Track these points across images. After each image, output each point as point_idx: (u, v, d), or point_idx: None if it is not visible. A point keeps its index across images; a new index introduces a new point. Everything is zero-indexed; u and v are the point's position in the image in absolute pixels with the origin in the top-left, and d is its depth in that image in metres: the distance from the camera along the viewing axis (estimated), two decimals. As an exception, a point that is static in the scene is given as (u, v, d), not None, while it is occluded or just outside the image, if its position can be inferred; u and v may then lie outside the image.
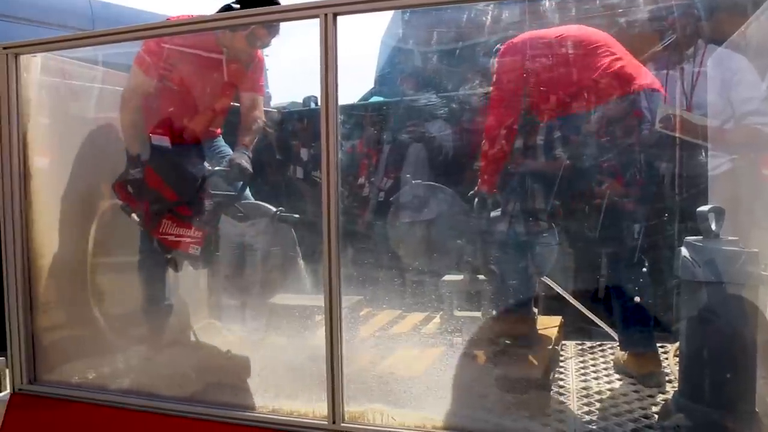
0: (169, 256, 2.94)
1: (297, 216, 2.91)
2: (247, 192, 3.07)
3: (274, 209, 2.94)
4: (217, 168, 2.97)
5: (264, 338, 2.82)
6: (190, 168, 2.93)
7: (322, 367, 2.20)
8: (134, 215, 2.96)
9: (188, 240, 2.87)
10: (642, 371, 2.60)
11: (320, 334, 2.22)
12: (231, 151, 3.16)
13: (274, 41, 3.00)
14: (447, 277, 3.05)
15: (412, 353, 2.79)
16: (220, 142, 3.23)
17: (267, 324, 2.85)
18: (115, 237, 3.07)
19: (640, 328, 2.59)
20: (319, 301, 2.20)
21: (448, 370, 2.58)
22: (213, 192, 2.91)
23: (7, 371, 2.75)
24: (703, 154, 2.57)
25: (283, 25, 2.91)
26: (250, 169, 2.95)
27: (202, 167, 2.96)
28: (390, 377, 2.51)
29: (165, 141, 2.87)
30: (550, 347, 2.73)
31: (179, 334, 2.86)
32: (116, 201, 3.00)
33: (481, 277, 2.95)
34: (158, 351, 2.87)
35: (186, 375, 2.62)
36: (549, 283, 2.98)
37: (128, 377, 2.70)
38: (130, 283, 3.04)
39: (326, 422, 2.21)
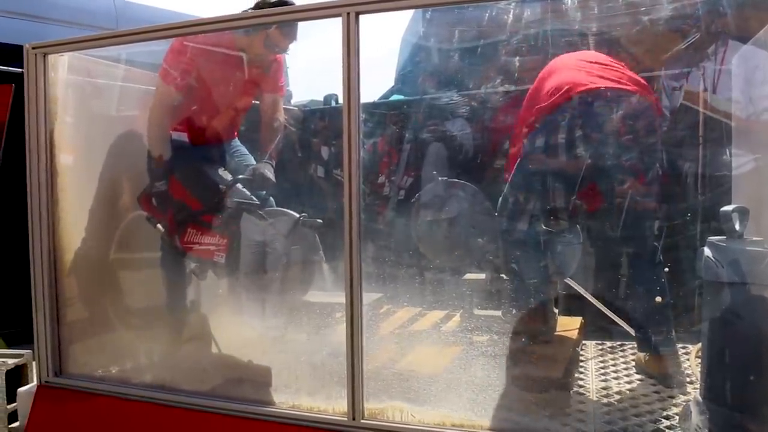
0: (193, 264, 2.97)
1: (320, 221, 2.91)
2: (271, 199, 3.08)
3: (297, 215, 2.94)
4: (240, 176, 2.99)
5: (284, 335, 2.83)
6: (215, 177, 2.95)
7: (343, 364, 2.20)
8: (159, 226, 3.00)
9: (212, 248, 2.90)
10: (662, 372, 2.58)
11: (341, 331, 2.23)
12: (247, 152, 3.20)
13: (291, 46, 3.01)
14: (468, 276, 3.03)
15: (431, 351, 2.78)
16: (237, 142, 3.26)
17: (287, 321, 2.86)
18: (140, 234, 3.10)
19: (660, 328, 2.56)
20: (340, 298, 2.20)
21: (468, 369, 2.57)
22: (236, 200, 2.92)
23: (34, 364, 2.79)
24: (727, 153, 2.53)
25: (302, 24, 2.91)
26: (273, 179, 2.97)
27: (226, 176, 2.98)
28: (410, 374, 2.51)
29: (183, 137, 2.91)
30: (571, 347, 2.72)
31: (200, 330, 2.87)
32: (141, 212, 3.04)
33: (502, 276, 2.93)
34: (180, 347, 2.89)
35: (207, 371, 2.64)
36: (571, 283, 2.95)
37: (151, 372, 2.73)
38: (153, 279, 3.07)
39: (346, 419, 2.21)
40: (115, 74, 3.15)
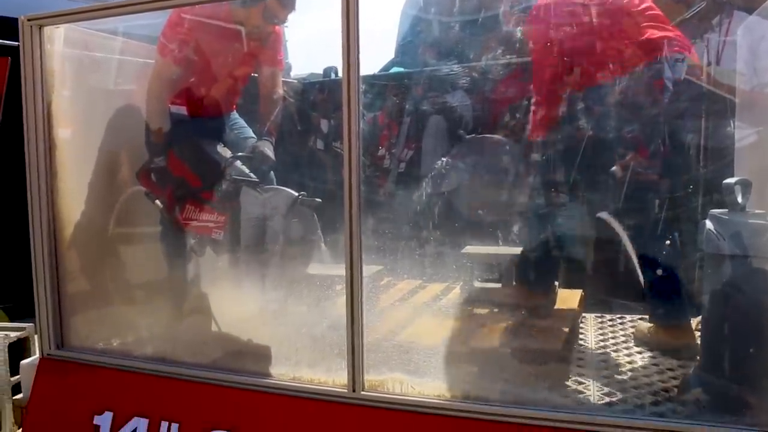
0: (192, 241, 2.97)
1: (319, 200, 2.91)
2: (271, 174, 3.07)
3: (296, 194, 2.93)
4: (240, 154, 2.98)
5: (285, 308, 2.83)
6: (214, 154, 2.94)
7: (343, 336, 2.20)
8: (157, 202, 2.99)
9: (211, 225, 2.89)
10: (676, 343, 2.56)
11: (341, 304, 2.23)
12: (246, 125, 3.18)
13: (290, 18, 2.99)
14: (468, 248, 3.03)
15: (432, 323, 2.79)
16: (236, 115, 3.24)
17: (288, 293, 2.86)
18: (139, 208, 3.10)
19: (673, 299, 2.55)
20: (340, 270, 2.20)
21: (468, 341, 2.58)
22: (235, 177, 2.91)
23: (36, 337, 2.80)
24: (730, 125, 2.50)
25: (301, -4, 2.88)
26: (273, 157, 2.97)
27: (225, 153, 2.96)
28: (410, 347, 2.51)
29: (182, 110, 2.89)
30: (571, 320, 2.71)
31: (201, 304, 2.88)
32: (140, 187, 3.03)
33: (503, 248, 2.93)
34: (180, 320, 2.90)
35: (207, 343, 2.65)
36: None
37: (152, 345, 2.73)
38: (153, 253, 3.07)
39: (346, 390, 2.21)
40: (113, 47, 3.12)
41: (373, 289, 2.93)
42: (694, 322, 2.62)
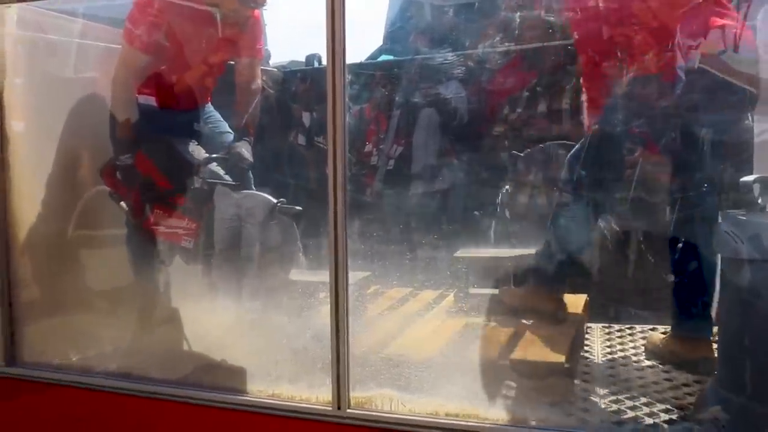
0: (160, 248, 2.94)
1: (299, 208, 2.90)
2: (249, 174, 3.06)
3: (274, 201, 2.91)
4: (214, 155, 2.96)
5: (263, 317, 2.82)
6: (186, 154, 2.92)
7: (327, 349, 2.20)
8: (122, 204, 2.96)
9: (181, 231, 2.88)
10: (692, 356, 2.54)
11: (325, 313, 2.22)
12: (221, 119, 3.17)
13: (269, 0, 3.00)
14: (461, 253, 3.03)
15: (424, 334, 2.79)
16: (211, 108, 3.22)
17: (266, 302, 2.85)
18: (102, 210, 3.07)
19: (688, 307, 2.54)
20: (324, 276, 2.20)
21: (463, 353, 2.57)
22: (209, 180, 2.90)
23: (-17, 352, 2.75)
24: (749, 118, 2.50)
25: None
26: (251, 159, 2.96)
27: (199, 152, 2.95)
28: (400, 360, 2.51)
29: (151, 101, 2.87)
30: (575, 329, 2.70)
31: (170, 314, 2.85)
32: (103, 188, 3.00)
33: (501, 251, 2.95)
34: (148, 332, 2.87)
35: (177, 357, 2.63)
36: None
37: (115, 360, 2.70)
38: (118, 259, 3.04)
39: (330, 408, 2.20)
40: (72, 29, 3.09)
41: (359, 297, 2.90)
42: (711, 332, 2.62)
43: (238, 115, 3.10)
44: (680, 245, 2.51)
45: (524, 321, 2.69)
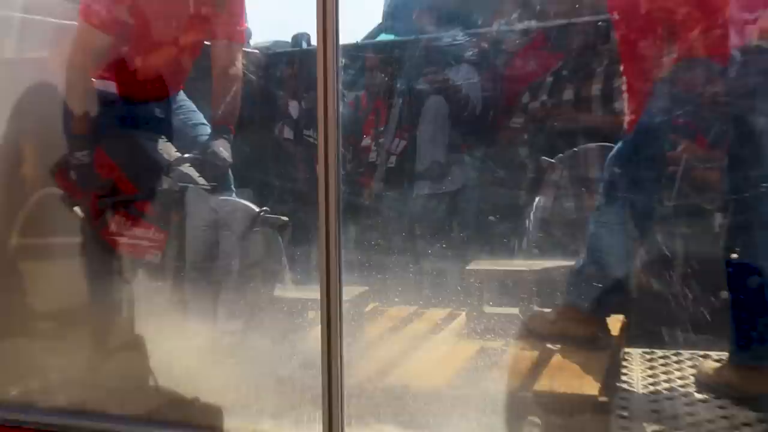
0: (120, 263, 2.90)
1: (286, 219, 2.86)
2: (229, 174, 3.03)
3: (256, 209, 2.87)
4: (187, 155, 2.91)
5: (242, 341, 2.80)
6: (154, 153, 2.87)
7: (317, 378, 2.12)
8: (77, 209, 2.92)
9: (146, 243, 2.82)
10: (753, 389, 2.46)
11: (314, 336, 2.17)
12: (195, 108, 3.14)
13: None
14: (475, 264, 3.02)
15: (431, 361, 2.76)
16: (183, 96, 3.19)
17: (247, 323, 2.83)
18: (53, 215, 3.04)
19: (754, 333, 2.47)
20: (314, 293, 2.14)
21: (477, 384, 2.53)
22: (180, 184, 2.86)
23: None
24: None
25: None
26: (229, 158, 2.90)
27: (169, 151, 2.90)
28: (403, 391, 2.46)
29: (111, 87, 2.83)
30: (610, 356, 2.66)
31: (133, 338, 2.82)
32: (54, 189, 2.95)
33: (522, 263, 2.95)
34: (104, 360, 2.84)
35: (139, 389, 2.59)
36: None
37: (65, 392, 2.65)
38: (70, 273, 3.00)
39: (321, 447, 2.17)
40: (13, 2, 3.08)
41: (355, 316, 2.92)
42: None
43: (214, 106, 3.06)
44: (736, 256, 2.47)
45: (550, 346, 2.66)
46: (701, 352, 2.87)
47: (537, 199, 3.10)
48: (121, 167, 2.85)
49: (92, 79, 2.89)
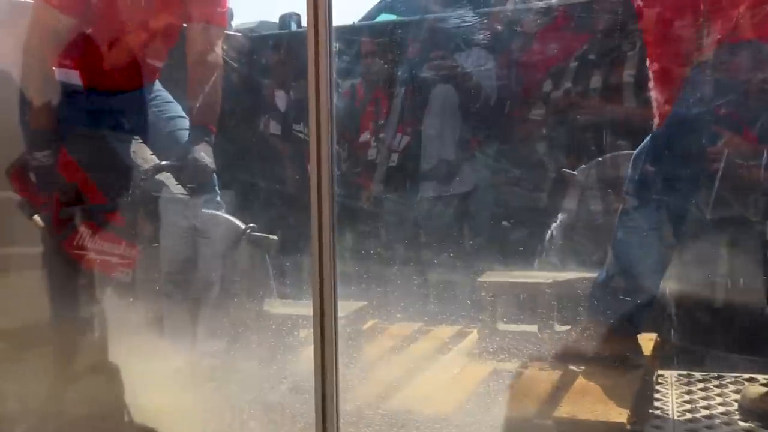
0: (86, 278, 2.90)
1: (274, 238, 2.88)
2: (214, 178, 3.04)
3: (242, 226, 2.90)
4: (164, 162, 2.91)
5: (225, 363, 2.81)
6: (126, 157, 2.88)
7: (309, 403, 2.10)
8: (37, 217, 2.93)
9: (116, 260, 2.83)
10: None
11: (307, 356, 2.19)
12: (172, 99, 3.17)
13: None
14: (487, 276, 3.04)
15: (438, 384, 2.79)
16: (158, 86, 3.21)
17: (231, 342, 2.84)
18: (8, 221, 3.05)
19: None
20: (306, 308, 2.17)
21: (490, 409, 2.56)
22: (155, 194, 2.87)
23: None
24: None
25: None
26: (212, 165, 2.91)
27: (143, 154, 2.91)
28: (407, 418, 2.50)
29: (74, 77, 2.85)
30: (641, 378, 2.68)
31: (100, 360, 2.83)
32: (10, 193, 2.95)
33: (540, 275, 2.96)
34: (67, 386, 2.83)
35: (109, 417, 2.61)
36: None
37: (22, 423, 2.69)
38: (26, 289, 3.03)
39: (314, 482, 2.20)
40: None
41: (352, 334, 2.93)
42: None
43: (191, 102, 3.05)
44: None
45: (573, 367, 2.69)
46: (746, 375, 2.89)
47: (560, 216, 3.15)
48: (88, 171, 2.86)
49: (52, 66, 2.90)
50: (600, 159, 3.10)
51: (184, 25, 3.11)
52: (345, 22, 4.15)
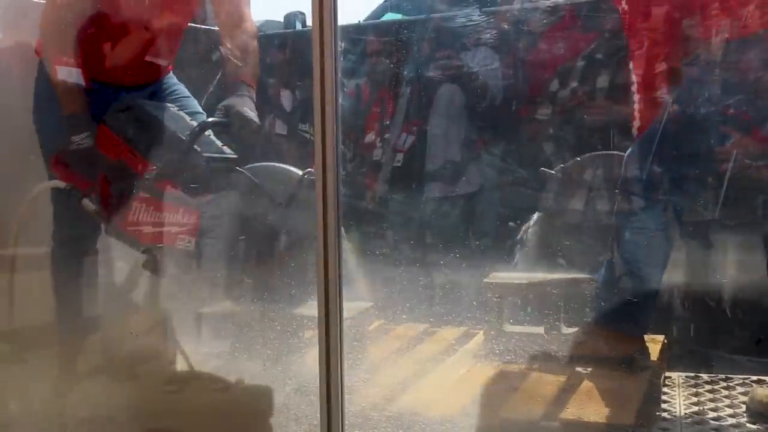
0: (145, 255, 2.84)
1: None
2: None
3: (299, 172, 2.90)
4: (210, 119, 2.88)
5: (230, 364, 2.82)
6: (168, 121, 2.86)
7: (314, 405, 2.16)
8: (86, 201, 2.87)
9: (175, 229, 2.80)
10: None
11: (312, 357, 2.22)
12: (189, 94, 3.15)
13: None
14: (493, 277, 3.04)
15: (443, 385, 2.80)
16: (173, 80, 3.19)
17: (234, 343, 2.86)
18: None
19: None
20: (311, 309, 2.17)
21: (496, 411, 2.56)
22: (206, 155, 2.82)
23: None
24: None
25: None
26: (256, 119, 2.88)
27: (184, 118, 2.89)
28: (412, 420, 2.52)
29: (75, 75, 2.82)
30: (648, 380, 2.69)
31: (105, 359, 2.85)
32: (57, 183, 2.91)
33: (547, 275, 2.97)
34: (72, 383, 2.83)
35: (113, 418, 2.59)
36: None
37: (26, 427, 2.68)
38: (36, 285, 3.02)
39: (319, 483, 2.20)
40: None
41: (358, 335, 2.97)
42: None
43: (227, 65, 3.00)
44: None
45: (579, 369, 2.69)
46: (754, 377, 2.88)
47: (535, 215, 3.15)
48: (132, 143, 2.83)
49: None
50: (578, 159, 3.12)
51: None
52: (350, 21, 4.14)
